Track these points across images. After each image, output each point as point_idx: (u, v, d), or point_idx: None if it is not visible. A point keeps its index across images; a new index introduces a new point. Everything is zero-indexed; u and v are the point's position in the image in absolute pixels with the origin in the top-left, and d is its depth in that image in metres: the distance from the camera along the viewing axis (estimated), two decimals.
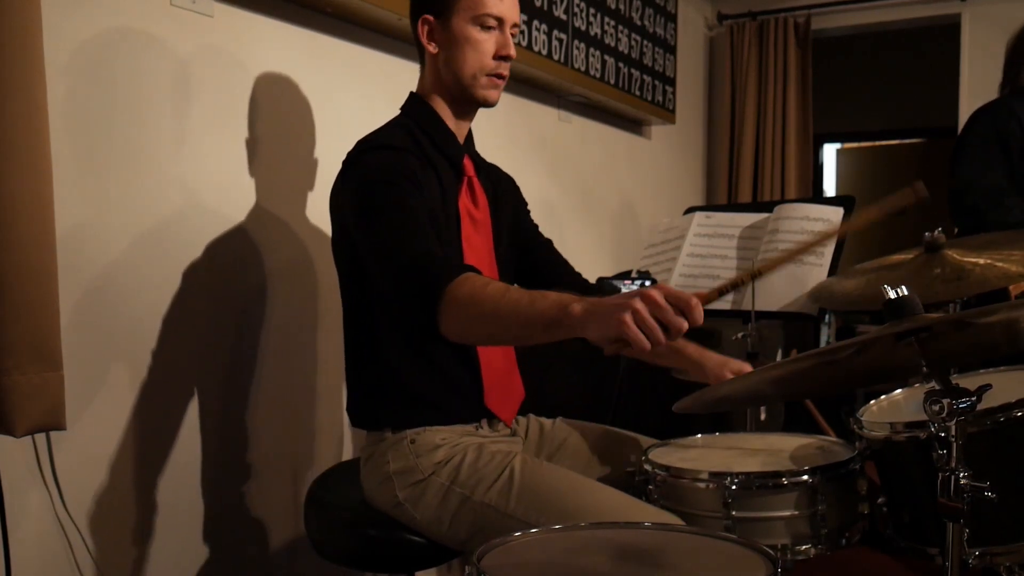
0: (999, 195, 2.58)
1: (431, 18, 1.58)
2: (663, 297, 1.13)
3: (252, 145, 2.00)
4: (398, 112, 1.67)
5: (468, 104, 1.63)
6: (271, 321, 2.06)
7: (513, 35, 1.61)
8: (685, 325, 1.14)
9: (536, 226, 1.84)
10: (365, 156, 1.53)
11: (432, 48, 1.60)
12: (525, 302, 1.25)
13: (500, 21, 1.57)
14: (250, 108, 2.00)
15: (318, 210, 2.16)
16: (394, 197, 1.46)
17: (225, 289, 1.95)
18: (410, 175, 1.49)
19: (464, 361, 1.58)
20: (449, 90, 1.61)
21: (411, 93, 1.67)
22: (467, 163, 1.65)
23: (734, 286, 1.32)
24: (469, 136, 1.70)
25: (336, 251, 1.62)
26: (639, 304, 1.12)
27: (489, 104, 1.62)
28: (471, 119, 1.68)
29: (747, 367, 1.67)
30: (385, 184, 1.47)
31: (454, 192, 1.60)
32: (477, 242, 1.63)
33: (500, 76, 1.60)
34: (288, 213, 2.11)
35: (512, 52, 1.59)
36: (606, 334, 1.15)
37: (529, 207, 1.86)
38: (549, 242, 1.83)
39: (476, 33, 1.56)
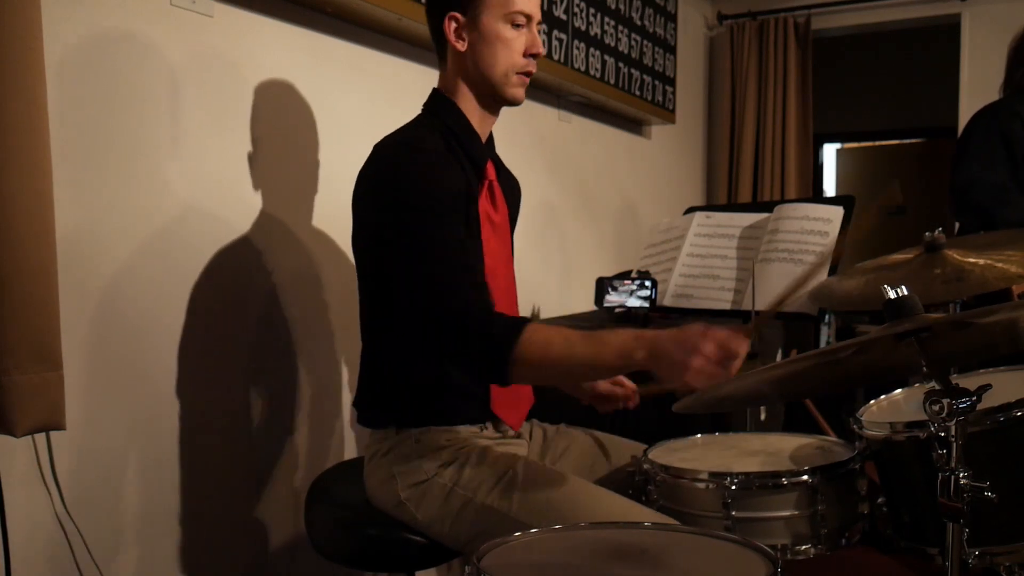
0: (1004, 193, 2.58)
1: (459, 15, 1.56)
2: (715, 348, 1.24)
3: (253, 146, 2.00)
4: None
5: (495, 103, 1.62)
6: (270, 320, 2.06)
7: (538, 32, 1.61)
8: (736, 368, 1.27)
9: None
10: (397, 157, 1.49)
11: (460, 46, 1.57)
12: (590, 355, 1.32)
13: (529, 18, 1.57)
14: (251, 109, 2.00)
15: (320, 211, 2.16)
16: (430, 227, 1.42)
17: (224, 289, 1.95)
18: (443, 190, 1.46)
19: None
20: (477, 88, 1.59)
21: (434, 90, 1.65)
22: (489, 166, 1.64)
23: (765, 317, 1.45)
24: (491, 137, 1.68)
25: (356, 248, 1.60)
26: (699, 362, 1.24)
27: (516, 102, 1.61)
28: (495, 119, 1.66)
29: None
30: (419, 211, 1.43)
31: (475, 194, 1.58)
32: (495, 245, 1.61)
33: (528, 74, 1.60)
34: (288, 213, 2.10)
35: (541, 50, 1.59)
36: (668, 379, 1.29)
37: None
38: None
39: (508, 31, 1.55)
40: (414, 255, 1.42)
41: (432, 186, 1.46)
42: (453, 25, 1.56)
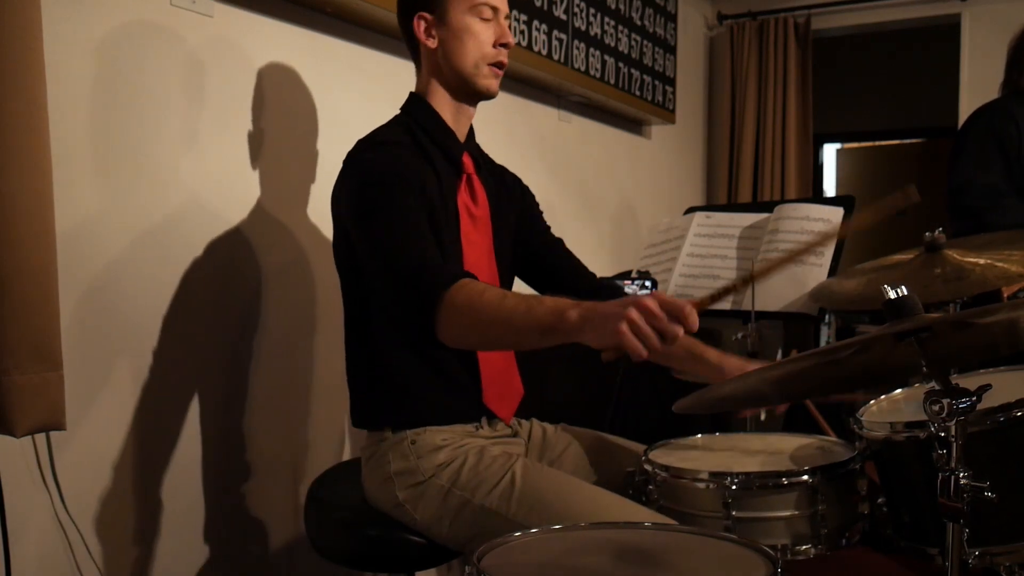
0: (997, 196, 2.58)
1: (427, 15, 1.60)
2: (657, 305, 1.16)
3: (252, 146, 2.00)
4: (399, 110, 1.68)
5: (469, 96, 1.64)
6: (272, 321, 2.06)
7: (508, 25, 1.63)
8: (680, 332, 1.17)
9: (548, 227, 1.86)
10: (363, 154, 1.54)
11: (431, 44, 1.61)
12: (522, 309, 1.27)
13: (495, 11, 1.60)
14: (251, 109, 2.00)
15: (318, 211, 2.16)
16: (391, 198, 1.46)
17: (226, 289, 1.95)
18: (408, 173, 1.50)
19: (462, 360, 1.59)
20: (450, 84, 1.62)
21: (411, 93, 1.69)
22: (466, 160, 1.66)
23: (727, 291, 1.34)
24: (471, 133, 1.70)
25: (337, 252, 1.62)
26: (634, 314, 1.16)
27: (490, 94, 1.63)
28: (472, 114, 1.68)
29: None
30: (381, 185, 1.48)
31: (453, 189, 1.61)
32: (476, 239, 1.63)
33: (500, 65, 1.62)
34: (288, 214, 2.11)
35: (511, 40, 1.62)
36: (602, 342, 1.19)
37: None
38: (560, 242, 1.84)
39: (475, 24, 1.58)
40: (371, 222, 1.46)
41: (387, 165, 1.50)
42: (423, 24, 1.61)
